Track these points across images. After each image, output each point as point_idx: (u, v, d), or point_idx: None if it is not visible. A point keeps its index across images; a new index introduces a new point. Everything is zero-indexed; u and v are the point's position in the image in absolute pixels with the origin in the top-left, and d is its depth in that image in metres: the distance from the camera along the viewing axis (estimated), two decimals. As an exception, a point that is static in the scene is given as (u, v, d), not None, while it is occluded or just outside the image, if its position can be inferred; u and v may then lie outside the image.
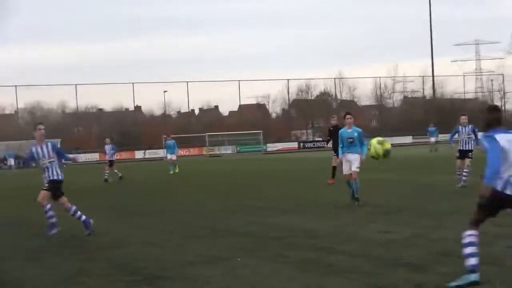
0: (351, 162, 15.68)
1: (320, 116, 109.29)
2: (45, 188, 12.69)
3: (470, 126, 18.93)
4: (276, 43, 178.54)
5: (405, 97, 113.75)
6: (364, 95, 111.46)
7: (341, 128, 16.53)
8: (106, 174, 32.16)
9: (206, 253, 10.09)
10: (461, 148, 19.04)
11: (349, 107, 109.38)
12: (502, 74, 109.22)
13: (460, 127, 19.12)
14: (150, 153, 78.89)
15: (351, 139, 15.69)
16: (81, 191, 26.35)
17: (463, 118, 19.12)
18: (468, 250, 7.21)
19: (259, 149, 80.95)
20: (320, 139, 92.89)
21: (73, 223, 14.57)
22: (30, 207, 20.03)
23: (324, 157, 42.55)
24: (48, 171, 12.59)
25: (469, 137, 18.84)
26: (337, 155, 18.59)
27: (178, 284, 8.14)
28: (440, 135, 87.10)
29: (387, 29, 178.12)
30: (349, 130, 15.81)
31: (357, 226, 12.21)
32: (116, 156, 34.83)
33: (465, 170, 18.57)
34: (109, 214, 16.71)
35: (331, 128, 23.01)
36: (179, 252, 10.38)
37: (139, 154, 79.20)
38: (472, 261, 7.16)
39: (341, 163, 16.30)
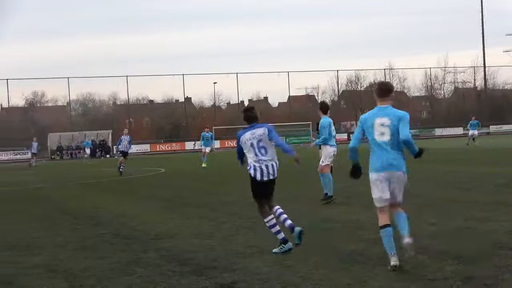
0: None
1: (369, 107, 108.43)
2: None
3: None
4: (326, 34, 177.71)
5: (456, 88, 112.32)
6: (414, 86, 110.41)
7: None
8: (122, 166, 30.88)
9: (255, 244, 10.14)
10: None
11: (399, 98, 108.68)
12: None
13: None
14: (200, 144, 79.24)
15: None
16: (130, 182, 26.71)
17: None
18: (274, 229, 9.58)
19: (308, 140, 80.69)
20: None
21: (125, 214, 14.83)
22: (87, 198, 20.40)
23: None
24: None
25: None
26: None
27: (227, 275, 8.18)
28: (491, 126, 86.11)
29: (437, 19, 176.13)
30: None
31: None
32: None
33: None
34: (160, 205, 16.90)
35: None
36: (229, 243, 10.45)
37: (189, 145, 79.61)
38: (281, 235, 9.47)
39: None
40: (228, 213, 14.43)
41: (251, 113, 9.97)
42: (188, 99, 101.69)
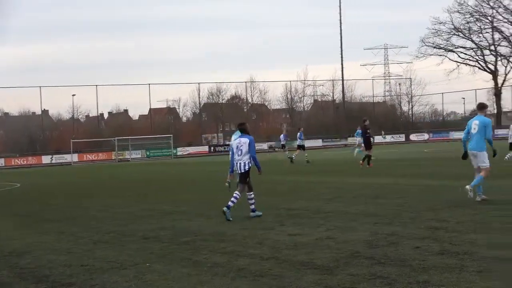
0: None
1: (231, 120, 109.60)
2: None
3: None
4: (187, 47, 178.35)
5: (315, 100, 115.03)
6: (275, 99, 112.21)
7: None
8: None
9: (114, 259, 9.92)
10: None
11: (260, 111, 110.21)
12: (410, 78, 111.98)
13: None
14: (57, 158, 77.36)
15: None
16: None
17: None
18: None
19: (169, 153, 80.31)
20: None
21: None
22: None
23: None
24: None
25: None
26: None
27: (85, 291, 7.95)
28: (349, 138, 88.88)
29: (298, 33, 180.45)
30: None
31: (266, 229, 12.23)
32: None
33: None
34: (15, 220, 16.35)
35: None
36: (87, 258, 10.17)
37: (46, 159, 77.30)
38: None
39: None
40: (87, 227, 14.10)
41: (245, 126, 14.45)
42: (45, 112, 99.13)
